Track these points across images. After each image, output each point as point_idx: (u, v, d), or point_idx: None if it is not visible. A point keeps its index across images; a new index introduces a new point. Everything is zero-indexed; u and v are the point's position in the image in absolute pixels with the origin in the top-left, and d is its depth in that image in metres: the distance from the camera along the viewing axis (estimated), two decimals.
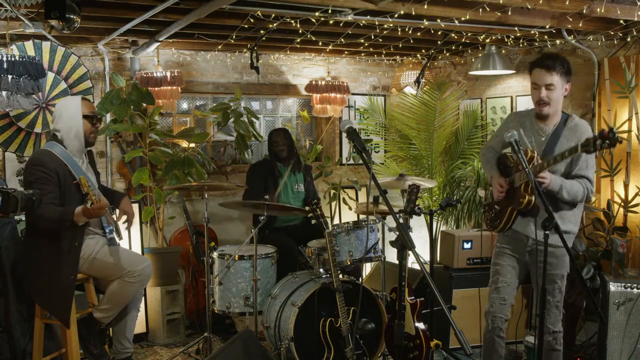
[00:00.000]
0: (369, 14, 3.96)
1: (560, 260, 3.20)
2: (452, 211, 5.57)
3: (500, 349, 3.36)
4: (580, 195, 3.12)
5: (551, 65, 3.07)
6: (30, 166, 3.32)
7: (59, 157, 3.35)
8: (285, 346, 3.74)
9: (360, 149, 2.49)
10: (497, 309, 3.33)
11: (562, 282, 3.25)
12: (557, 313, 3.24)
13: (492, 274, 3.41)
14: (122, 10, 3.83)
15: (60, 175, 3.30)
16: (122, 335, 3.67)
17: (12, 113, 4.40)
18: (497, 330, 3.33)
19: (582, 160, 3.15)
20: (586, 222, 4.61)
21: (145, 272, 3.53)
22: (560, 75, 3.09)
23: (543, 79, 3.09)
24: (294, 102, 6.11)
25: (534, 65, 3.16)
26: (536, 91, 3.14)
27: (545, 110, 3.15)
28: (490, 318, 3.35)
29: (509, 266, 3.35)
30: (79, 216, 3.20)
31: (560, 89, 3.12)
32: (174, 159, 4.62)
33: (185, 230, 5.09)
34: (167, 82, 4.84)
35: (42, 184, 3.24)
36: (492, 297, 3.37)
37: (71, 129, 3.41)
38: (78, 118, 3.42)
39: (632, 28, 4.29)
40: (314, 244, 4.23)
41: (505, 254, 3.37)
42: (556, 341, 3.25)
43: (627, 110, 4.43)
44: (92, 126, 3.49)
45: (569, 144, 3.14)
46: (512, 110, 5.47)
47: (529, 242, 3.27)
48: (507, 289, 3.33)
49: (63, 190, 3.31)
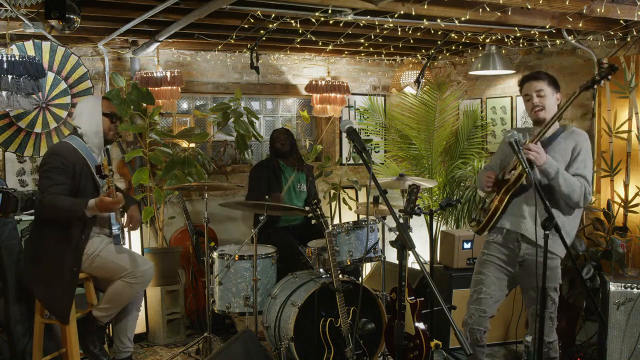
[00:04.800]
0: (369, 14, 3.96)
1: (553, 272, 3.17)
2: (452, 211, 5.57)
3: (482, 355, 3.34)
4: (577, 191, 3.07)
5: (537, 75, 3.24)
6: (49, 155, 3.40)
7: (78, 150, 3.43)
8: (285, 346, 3.74)
9: (360, 149, 2.49)
10: (476, 321, 3.26)
11: (555, 295, 3.21)
12: (550, 324, 3.21)
13: (475, 283, 3.33)
14: (122, 10, 3.83)
15: (76, 168, 3.37)
16: (122, 334, 3.67)
17: (12, 113, 4.40)
18: (476, 341, 3.28)
19: (580, 160, 3.14)
20: (586, 222, 4.61)
21: (147, 273, 3.53)
22: (548, 84, 3.19)
23: (532, 87, 3.21)
24: (294, 102, 6.11)
25: (522, 81, 3.29)
26: (529, 102, 3.23)
27: (542, 115, 3.19)
28: (468, 330, 3.28)
29: (493, 277, 3.27)
30: (92, 208, 3.26)
31: (551, 96, 3.20)
32: (174, 159, 4.62)
33: (185, 230, 5.09)
34: (167, 82, 4.84)
35: (57, 173, 3.31)
36: (470, 307, 3.29)
37: (91, 126, 3.50)
38: (98, 116, 3.51)
39: (632, 28, 4.29)
40: (314, 244, 4.23)
41: (491, 264, 3.29)
42: (552, 350, 3.24)
43: (627, 110, 4.43)
44: (112, 124, 3.58)
45: (566, 143, 3.16)
46: (512, 110, 5.47)
47: (521, 251, 3.21)
48: (488, 302, 3.26)
49: (77, 182, 3.37)
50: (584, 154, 3.16)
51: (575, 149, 3.16)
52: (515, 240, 3.23)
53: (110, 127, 3.58)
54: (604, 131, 4.57)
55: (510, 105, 5.50)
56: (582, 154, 3.15)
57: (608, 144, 4.54)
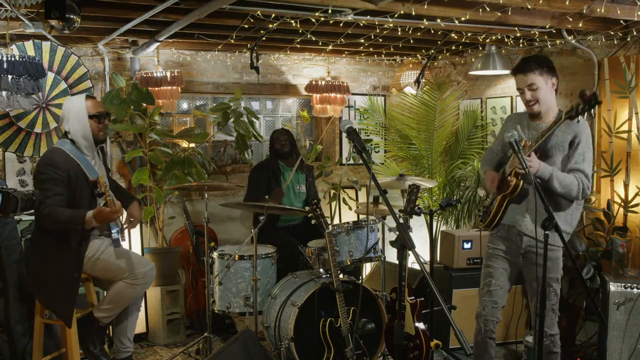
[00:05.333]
0: (369, 14, 3.96)
1: (555, 263, 3.18)
2: (452, 211, 5.57)
3: (492, 349, 3.38)
4: (574, 189, 3.06)
5: (525, 68, 3.12)
6: (43, 165, 3.34)
7: (71, 156, 3.38)
8: (285, 346, 3.74)
9: (360, 149, 2.49)
10: (489, 312, 3.32)
11: (557, 286, 3.23)
12: (553, 316, 3.22)
13: (484, 275, 3.39)
14: (122, 10, 3.83)
15: (71, 174, 3.33)
16: (123, 335, 3.67)
17: (12, 113, 4.40)
18: (489, 332, 3.34)
19: (578, 154, 3.11)
20: (586, 222, 4.61)
21: (149, 275, 3.53)
22: (540, 74, 3.10)
23: (523, 81, 3.14)
24: (294, 102, 6.11)
25: (513, 73, 3.21)
26: (523, 95, 3.19)
27: (536, 108, 3.17)
28: (482, 321, 3.34)
29: (501, 269, 3.33)
30: (90, 221, 3.22)
31: (545, 85, 3.12)
32: (174, 159, 4.62)
33: (185, 230, 5.09)
34: (167, 82, 4.84)
35: (53, 184, 3.26)
36: (483, 299, 3.36)
37: (78, 130, 3.43)
38: (84, 120, 3.42)
39: (632, 28, 4.29)
40: (314, 244, 4.23)
41: (497, 256, 3.35)
42: (554, 344, 3.24)
43: (627, 110, 4.43)
44: (100, 124, 3.49)
45: (564, 135, 3.12)
46: (512, 110, 5.47)
47: (523, 243, 3.24)
48: (499, 292, 3.32)
49: (74, 189, 3.33)
50: (583, 146, 3.10)
51: (574, 140, 3.11)
52: (517, 234, 3.26)
53: (99, 127, 3.48)
54: (604, 131, 4.57)
55: (510, 105, 5.49)
56: (580, 147, 3.10)
57: (608, 144, 4.54)
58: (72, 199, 3.34)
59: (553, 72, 3.15)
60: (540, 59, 3.17)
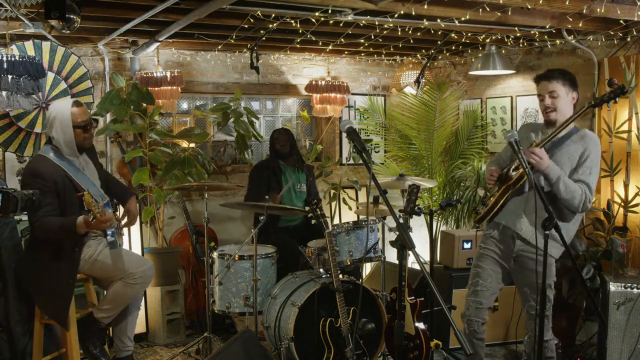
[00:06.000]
0: (369, 14, 3.96)
1: (549, 269, 3.15)
2: (452, 211, 5.57)
3: (480, 349, 3.39)
4: (577, 197, 3.08)
5: (550, 75, 3.20)
6: (28, 176, 3.29)
7: (56, 163, 3.32)
8: (285, 346, 3.74)
9: (360, 149, 2.49)
10: (473, 312, 3.34)
11: (551, 292, 3.23)
12: (546, 323, 3.21)
13: (472, 275, 3.41)
14: (122, 10, 3.83)
15: (58, 182, 3.28)
16: (123, 334, 3.67)
17: (12, 113, 4.40)
18: (473, 333, 3.36)
19: (586, 167, 3.14)
20: (586, 222, 4.61)
21: (147, 274, 3.53)
22: (563, 84, 3.17)
23: (545, 88, 3.19)
24: (294, 102, 6.11)
25: (536, 80, 3.26)
26: (542, 102, 3.22)
27: (553, 116, 3.19)
28: (466, 321, 3.37)
29: (490, 270, 3.34)
30: (81, 226, 3.19)
31: (565, 96, 3.17)
32: (174, 159, 4.62)
33: (185, 230, 5.09)
34: (167, 82, 4.84)
35: (41, 195, 3.17)
36: (468, 299, 3.38)
37: (61, 138, 3.35)
38: (69, 130, 3.34)
39: (632, 28, 4.29)
40: (314, 244, 4.23)
41: (488, 257, 3.36)
42: (548, 349, 3.25)
43: (627, 110, 4.43)
44: (85, 133, 3.41)
45: (576, 147, 3.15)
46: (512, 110, 5.47)
47: (515, 247, 3.25)
48: (485, 294, 3.33)
49: (62, 197, 3.30)
50: (591, 160, 3.15)
51: (583, 154, 3.15)
52: (510, 237, 3.28)
53: (84, 137, 3.39)
54: (604, 131, 4.57)
55: (510, 105, 5.49)
56: (589, 160, 3.14)
57: (608, 144, 4.54)
58: (63, 207, 3.30)
59: (575, 86, 3.22)
60: (566, 72, 3.24)
